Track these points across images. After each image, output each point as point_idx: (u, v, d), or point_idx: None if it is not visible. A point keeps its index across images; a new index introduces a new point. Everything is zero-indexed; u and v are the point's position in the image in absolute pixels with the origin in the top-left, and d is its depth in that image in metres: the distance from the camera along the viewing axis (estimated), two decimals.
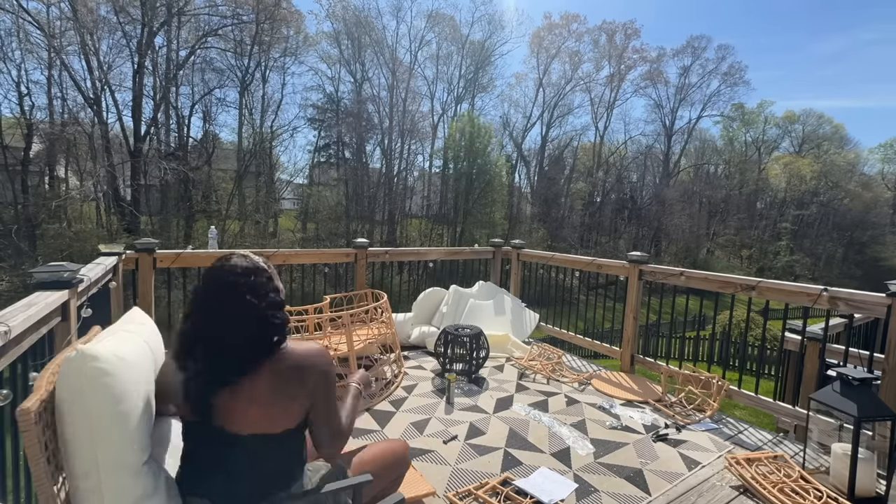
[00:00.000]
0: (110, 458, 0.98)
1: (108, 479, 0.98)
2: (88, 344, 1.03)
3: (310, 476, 1.27)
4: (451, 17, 28.88)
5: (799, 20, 60.76)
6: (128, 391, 1.02)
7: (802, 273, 31.91)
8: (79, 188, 16.62)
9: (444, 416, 2.79)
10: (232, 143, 22.77)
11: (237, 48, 20.40)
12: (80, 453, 0.97)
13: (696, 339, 11.99)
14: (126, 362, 1.05)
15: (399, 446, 1.55)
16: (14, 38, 14.89)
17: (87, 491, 0.97)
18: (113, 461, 0.99)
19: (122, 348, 1.08)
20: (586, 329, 4.63)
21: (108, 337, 1.15)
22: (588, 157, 33.28)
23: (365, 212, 24.79)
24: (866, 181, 37.40)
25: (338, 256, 4.29)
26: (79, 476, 0.97)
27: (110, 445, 0.99)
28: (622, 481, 2.15)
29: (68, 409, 0.96)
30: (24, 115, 15.37)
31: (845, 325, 3.51)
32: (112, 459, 0.99)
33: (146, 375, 1.14)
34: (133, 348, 1.13)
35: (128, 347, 1.11)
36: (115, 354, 1.03)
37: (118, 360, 1.02)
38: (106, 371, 0.98)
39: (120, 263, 2.96)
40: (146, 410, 1.09)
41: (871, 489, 2.00)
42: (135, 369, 1.08)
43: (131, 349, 1.12)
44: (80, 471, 0.97)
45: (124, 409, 1.01)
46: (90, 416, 0.96)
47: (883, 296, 2.31)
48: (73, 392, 0.96)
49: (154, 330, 1.38)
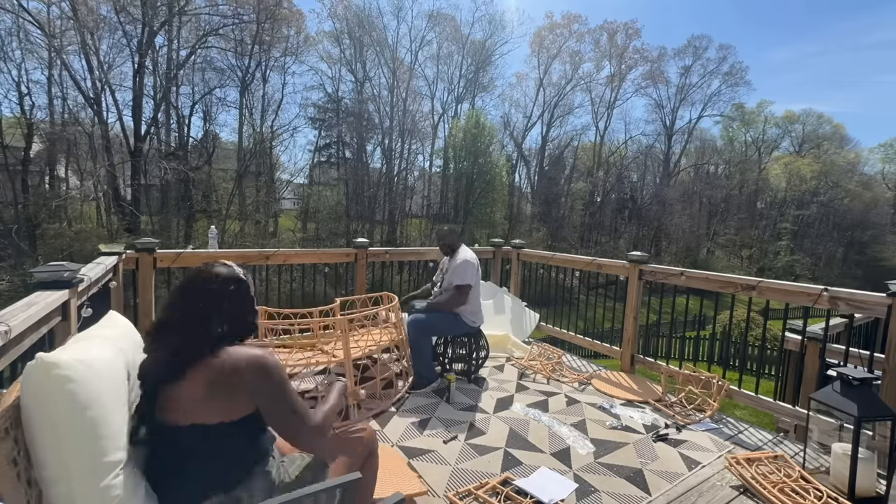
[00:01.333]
0: (81, 464, 0.98)
1: (80, 485, 0.97)
2: (51, 352, 1.02)
3: (285, 467, 1.30)
4: (452, 17, 28.93)
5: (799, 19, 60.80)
6: (96, 396, 1.01)
7: (802, 273, 31.89)
8: (79, 188, 16.63)
9: (444, 416, 2.79)
10: (232, 143, 22.77)
11: (238, 48, 20.40)
12: (49, 461, 0.96)
13: (696, 339, 11.99)
14: (92, 368, 1.03)
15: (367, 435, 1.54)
16: (14, 37, 14.91)
17: (59, 496, 0.96)
18: (84, 467, 0.98)
19: (89, 354, 1.07)
20: (586, 329, 4.63)
21: (75, 344, 1.15)
22: (588, 156, 33.27)
23: (365, 211, 24.78)
24: (867, 181, 37.40)
25: (338, 256, 4.28)
26: (50, 483, 0.96)
27: (80, 451, 0.98)
28: (622, 481, 2.15)
29: (34, 417, 0.95)
30: (24, 115, 15.38)
31: (845, 325, 3.51)
32: (83, 465, 0.98)
33: (118, 379, 1.12)
34: (101, 353, 1.12)
35: (95, 353, 1.10)
36: (79, 360, 1.01)
37: (82, 366, 1.01)
38: (69, 378, 0.97)
39: (120, 263, 2.96)
40: (120, 413, 1.09)
41: (871, 489, 2.00)
42: (104, 374, 1.07)
43: (99, 354, 1.10)
44: (50, 478, 0.96)
45: (93, 414, 1.00)
46: (56, 424, 0.96)
47: (883, 296, 2.31)
48: (36, 400, 0.96)
49: (129, 333, 1.37)
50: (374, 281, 5.93)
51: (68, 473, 0.96)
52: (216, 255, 3.68)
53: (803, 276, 31.22)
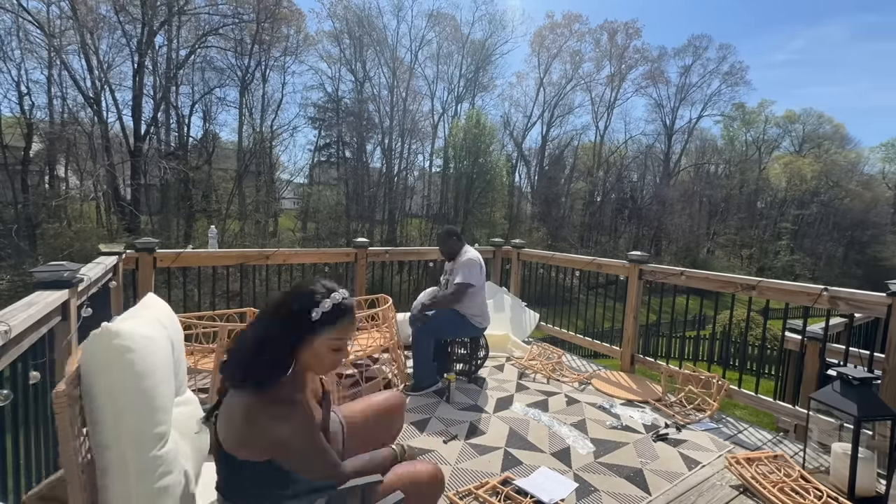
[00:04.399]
0: (134, 432, 1.02)
1: (130, 453, 1.01)
2: (113, 322, 1.06)
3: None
4: (452, 17, 28.91)
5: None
6: (150, 369, 1.06)
7: (802, 273, 31.91)
8: (79, 187, 16.62)
9: (444, 415, 2.79)
10: (232, 143, 22.76)
11: (237, 47, 20.39)
12: (104, 428, 1.00)
13: (696, 338, 11.98)
14: (149, 340, 1.09)
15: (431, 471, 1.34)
16: (14, 37, 14.90)
17: (112, 461, 1.00)
18: (137, 435, 1.02)
19: (145, 328, 1.12)
20: (586, 329, 4.63)
21: (130, 318, 1.20)
22: (588, 156, 33.25)
23: (365, 211, 24.78)
24: (867, 181, 37.38)
25: (338, 256, 4.28)
26: (104, 447, 1.00)
27: (134, 419, 1.02)
28: (622, 481, 2.15)
29: (94, 383, 0.99)
30: (23, 115, 15.37)
31: (845, 324, 3.51)
32: (136, 433, 1.02)
33: (168, 354, 1.18)
34: (153, 329, 1.17)
35: (150, 329, 1.15)
36: (139, 333, 1.06)
37: (141, 337, 1.06)
38: (129, 348, 1.02)
39: (120, 263, 2.96)
40: (168, 389, 1.13)
41: (871, 489, 2.00)
42: (157, 348, 1.12)
43: (153, 330, 1.16)
44: (104, 442, 1.00)
45: (147, 385, 1.04)
46: (113, 392, 1.00)
47: (883, 295, 2.31)
48: (98, 367, 1.00)
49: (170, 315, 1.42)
50: (374, 281, 5.93)
51: (120, 440, 1.00)
52: (216, 255, 3.68)
53: (803, 275, 31.23)
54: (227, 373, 1.11)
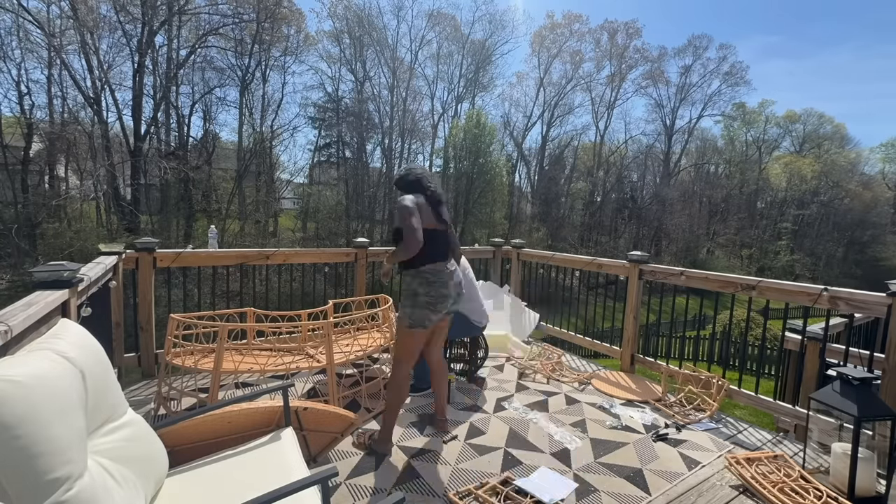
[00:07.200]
0: (18, 486, 0.94)
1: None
2: None
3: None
4: (453, 17, 28.91)
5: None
6: (23, 414, 0.96)
7: (802, 273, 31.91)
8: (79, 187, 16.61)
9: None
10: (232, 143, 22.76)
11: (238, 47, 20.37)
12: None
13: (696, 338, 11.98)
14: (19, 385, 0.98)
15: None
16: (14, 36, 14.88)
17: None
18: (22, 488, 0.94)
19: (17, 371, 1.01)
20: (586, 329, 4.62)
21: (2, 361, 1.09)
22: (588, 156, 33.26)
23: (365, 211, 24.78)
24: (867, 181, 37.37)
25: (338, 256, 4.28)
26: None
27: (13, 473, 0.93)
28: (622, 481, 2.15)
29: None
30: (24, 115, 15.35)
31: (845, 324, 3.51)
32: (20, 486, 0.94)
33: (60, 390, 1.07)
34: (35, 368, 1.06)
35: (29, 367, 1.04)
36: (5, 379, 0.96)
37: (9, 384, 0.96)
38: None
39: (120, 263, 2.96)
40: (73, 424, 1.05)
41: (871, 489, 2.00)
42: (36, 389, 1.01)
43: (34, 368, 1.05)
44: None
45: (27, 431, 0.95)
46: None
47: (883, 295, 2.31)
48: None
49: (84, 341, 1.32)
50: (374, 281, 5.92)
51: (7, 496, 0.93)
52: (216, 255, 3.68)
53: (803, 275, 31.23)
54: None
